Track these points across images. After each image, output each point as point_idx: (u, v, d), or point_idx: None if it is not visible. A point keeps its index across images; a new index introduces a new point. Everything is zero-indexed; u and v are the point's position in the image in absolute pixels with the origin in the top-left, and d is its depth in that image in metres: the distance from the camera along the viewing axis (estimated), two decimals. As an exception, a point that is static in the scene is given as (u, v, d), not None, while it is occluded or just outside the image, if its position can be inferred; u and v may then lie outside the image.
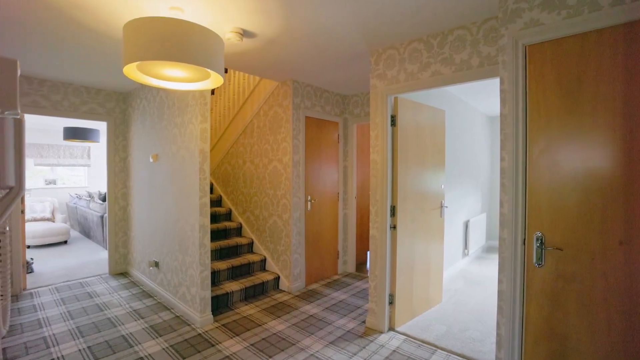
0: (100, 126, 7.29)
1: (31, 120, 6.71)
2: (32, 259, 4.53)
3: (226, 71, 4.97)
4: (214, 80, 2.29)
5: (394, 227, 2.87)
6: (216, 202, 4.78)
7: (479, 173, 5.42)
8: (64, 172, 8.16)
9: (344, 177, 4.53)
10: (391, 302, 2.88)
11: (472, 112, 5.08)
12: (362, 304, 3.44)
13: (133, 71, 2.09)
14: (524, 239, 1.72)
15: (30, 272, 4.43)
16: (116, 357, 2.45)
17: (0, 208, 0.71)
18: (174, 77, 2.28)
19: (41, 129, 7.52)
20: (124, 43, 1.87)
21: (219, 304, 3.32)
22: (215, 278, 3.59)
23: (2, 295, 0.79)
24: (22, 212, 3.81)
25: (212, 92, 5.33)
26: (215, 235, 4.19)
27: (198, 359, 2.43)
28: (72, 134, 6.07)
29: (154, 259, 3.70)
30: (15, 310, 3.29)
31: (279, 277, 3.89)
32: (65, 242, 6.24)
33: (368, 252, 5.20)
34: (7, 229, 0.91)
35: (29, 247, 5.90)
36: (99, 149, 8.44)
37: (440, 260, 3.38)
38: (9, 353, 2.53)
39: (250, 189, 4.34)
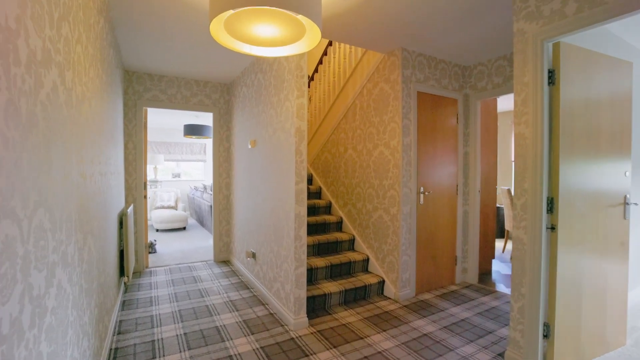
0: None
1: (161, 121, 7.66)
2: (155, 240, 5.00)
3: (325, 53, 4.65)
4: (311, 38, 1.89)
5: (552, 228, 2.02)
6: (315, 194, 4.49)
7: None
8: (187, 167, 9.18)
9: (464, 165, 3.69)
10: (546, 335, 2.03)
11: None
12: (495, 329, 2.62)
13: (221, 32, 1.83)
14: None
15: (154, 252, 4.88)
16: (207, 350, 2.27)
17: None
18: (266, 40, 1.95)
19: (169, 128, 8.58)
20: (210, -5, 1.60)
21: (315, 306, 2.95)
22: (312, 276, 3.25)
23: None
24: (145, 197, 4.15)
25: (312, 77, 5.08)
26: (314, 229, 3.87)
27: (290, 370, 2.07)
28: (190, 130, 6.66)
29: (251, 250, 3.58)
30: (136, 285, 3.54)
31: (383, 281, 3.33)
32: (184, 228, 6.89)
33: (494, 260, 4.21)
34: None
35: (157, 230, 6.69)
36: (212, 147, 9.25)
37: (622, 282, 2.32)
38: (123, 326, 2.62)
39: (352, 179, 3.89)
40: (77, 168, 1.40)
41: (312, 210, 4.13)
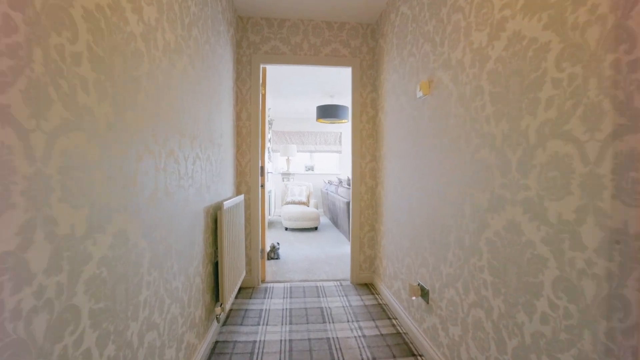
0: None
1: (293, 108, 6.92)
2: (278, 243, 4.00)
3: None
4: None
5: None
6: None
7: None
8: (320, 160, 8.32)
9: None
10: None
11: None
12: None
13: None
14: None
15: (277, 258, 3.88)
16: None
17: None
18: None
19: (302, 117, 7.87)
20: None
21: None
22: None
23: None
24: (262, 186, 3.11)
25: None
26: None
27: None
28: (323, 113, 5.57)
29: (418, 282, 1.99)
30: (241, 313, 2.46)
31: None
32: (316, 228, 5.86)
33: None
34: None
35: (286, 229, 5.87)
36: (348, 136, 8.11)
37: None
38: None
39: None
40: None
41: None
